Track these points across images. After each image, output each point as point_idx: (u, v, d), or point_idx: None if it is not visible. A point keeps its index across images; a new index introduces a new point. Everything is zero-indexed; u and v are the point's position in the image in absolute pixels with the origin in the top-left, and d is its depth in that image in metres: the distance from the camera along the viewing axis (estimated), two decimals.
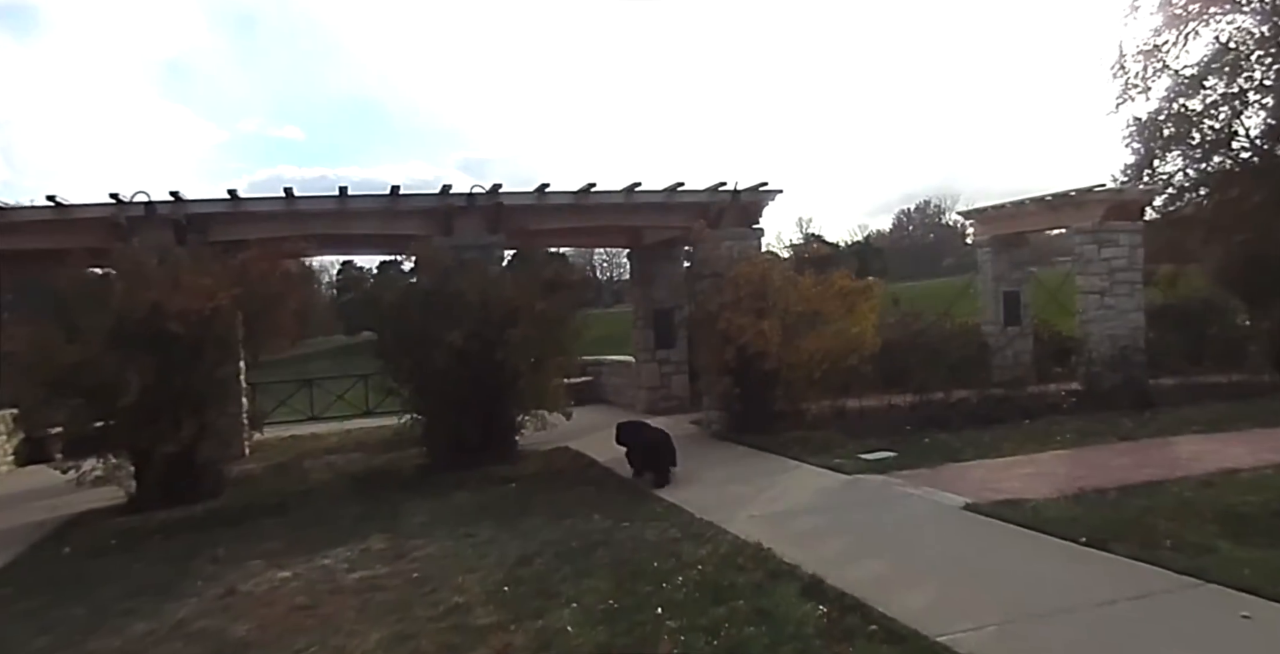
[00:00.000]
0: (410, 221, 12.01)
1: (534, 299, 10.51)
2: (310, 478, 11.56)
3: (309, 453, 14.20)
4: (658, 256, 16.37)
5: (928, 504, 7.90)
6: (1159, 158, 32.54)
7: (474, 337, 10.20)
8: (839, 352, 12.28)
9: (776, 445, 11.31)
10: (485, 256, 11.73)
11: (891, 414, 13.32)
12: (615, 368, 18.41)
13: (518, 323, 10.33)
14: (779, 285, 12.41)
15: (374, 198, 11.81)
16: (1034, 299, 19.80)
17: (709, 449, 11.66)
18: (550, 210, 12.59)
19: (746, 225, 13.38)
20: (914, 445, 10.91)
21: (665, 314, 16.35)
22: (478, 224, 12.11)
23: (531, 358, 10.43)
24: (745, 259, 12.70)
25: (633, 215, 13.09)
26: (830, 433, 11.92)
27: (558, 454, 11.61)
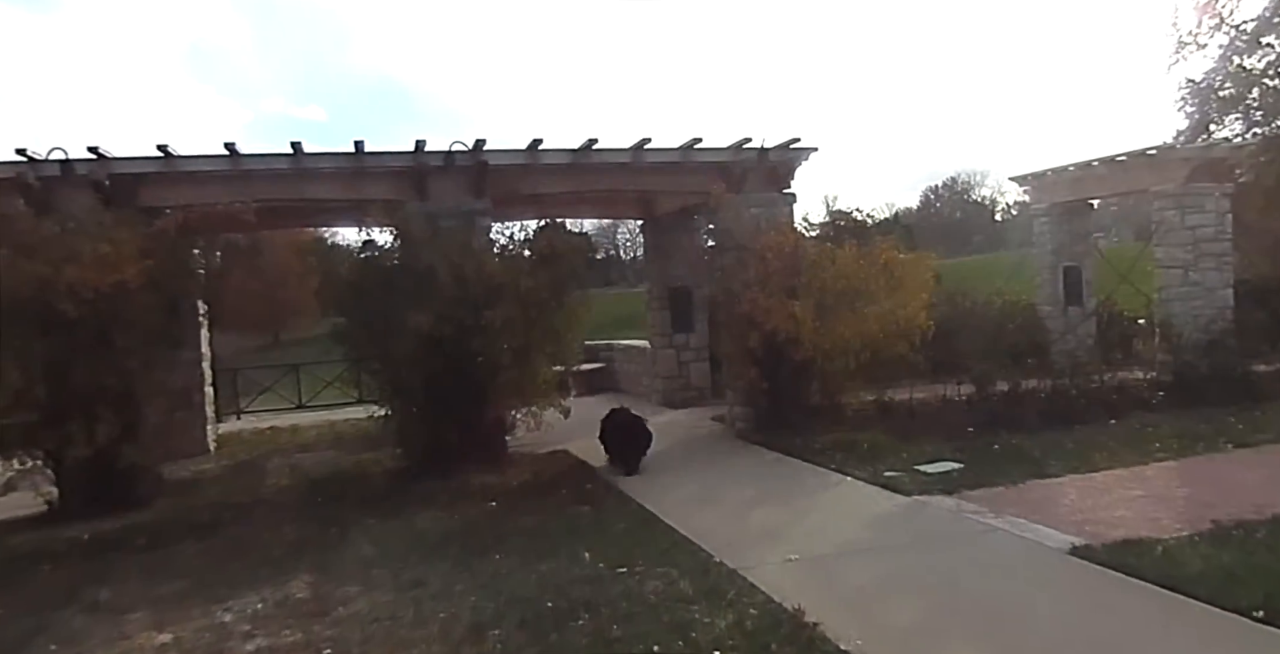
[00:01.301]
0: (379, 184, 10.20)
1: (519, 274, 8.68)
2: (265, 484, 9.91)
3: (280, 449, 12.59)
4: (674, 228, 14.45)
5: (1020, 545, 6.00)
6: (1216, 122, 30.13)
7: (445, 320, 8.39)
8: (884, 337, 10.36)
9: (813, 451, 9.45)
10: (468, 225, 9.90)
11: (947, 410, 11.38)
12: (629, 353, 16.58)
13: (499, 303, 8.51)
14: (814, 259, 10.48)
15: (335, 156, 9.99)
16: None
17: (732, 455, 9.82)
18: (544, 171, 10.71)
19: (775, 189, 11.43)
20: (982, 453, 9.00)
21: (683, 294, 14.47)
22: (459, 187, 10.27)
23: (516, 345, 8.61)
24: (774, 229, 10.76)
25: (642, 177, 11.17)
26: (876, 435, 10.03)
27: (552, 459, 9.82)
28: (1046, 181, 16.61)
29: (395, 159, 10.11)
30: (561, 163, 10.69)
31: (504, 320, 8.37)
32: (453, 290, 8.64)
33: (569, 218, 15.42)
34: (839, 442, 9.75)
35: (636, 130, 52.25)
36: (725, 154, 11.15)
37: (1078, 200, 16.41)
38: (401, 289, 8.65)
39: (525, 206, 12.55)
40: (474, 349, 8.45)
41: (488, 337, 8.41)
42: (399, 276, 8.68)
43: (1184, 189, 13.59)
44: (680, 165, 11.13)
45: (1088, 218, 17.23)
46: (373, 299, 8.77)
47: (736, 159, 11.13)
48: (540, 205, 13.03)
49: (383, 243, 9.44)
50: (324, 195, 10.17)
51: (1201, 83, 29.45)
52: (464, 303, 8.58)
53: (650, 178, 11.25)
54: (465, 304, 8.58)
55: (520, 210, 12.43)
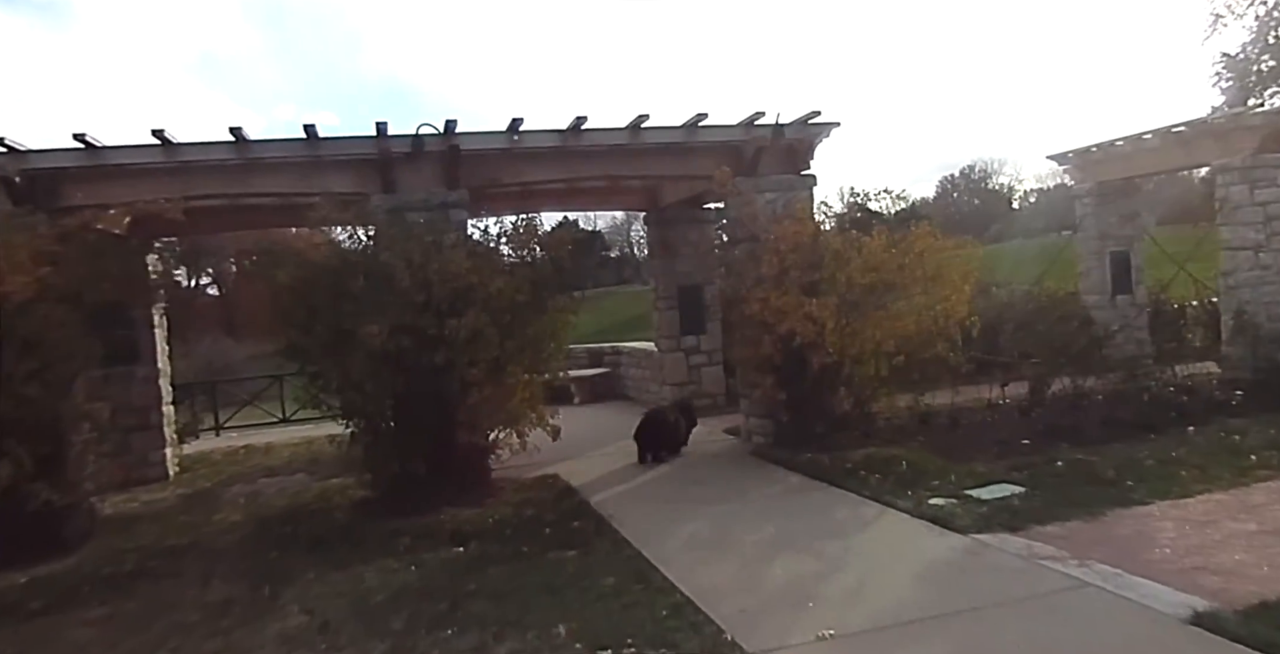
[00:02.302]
0: (338, 176, 8.92)
1: (491, 274, 7.38)
2: (213, 520, 8.65)
3: (247, 473, 11.38)
4: (681, 219, 13.12)
5: (1122, 609, 4.61)
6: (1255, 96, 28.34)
7: (404, 331, 7.10)
8: (919, 337, 8.99)
9: (842, 472, 8.09)
10: (440, 219, 8.61)
11: (995, 419, 9.98)
12: (636, 357, 15.25)
13: (466, 309, 7.21)
14: (837, 249, 9.11)
15: (285, 143, 8.72)
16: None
17: (747, 478, 8.45)
18: (528, 157, 9.39)
19: (792, 171, 10.04)
20: (1044, 472, 7.60)
21: (692, 292, 13.14)
22: (429, 177, 8.97)
23: (487, 358, 7.30)
24: (791, 217, 9.39)
25: (641, 161, 9.82)
26: (915, 450, 8.67)
27: (541, 486, 8.50)
28: (1090, 159, 15.10)
29: (355, 146, 8.83)
30: (548, 146, 9.37)
31: (471, 330, 7.06)
32: (413, 296, 7.36)
33: (563, 212, 14.04)
34: (872, 460, 8.39)
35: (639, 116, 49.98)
36: (735, 132, 9.79)
37: (1126, 178, 14.89)
38: (354, 296, 7.37)
39: (512, 200, 11.27)
40: (437, 364, 7.14)
41: (453, 349, 7.10)
42: (352, 281, 7.39)
43: (1253, 161, 12.06)
44: (684, 146, 9.78)
45: (1136, 198, 15.70)
46: (323, 308, 7.49)
47: (748, 137, 9.76)
48: (529, 198, 11.77)
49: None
50: (274, 189, 8.91)
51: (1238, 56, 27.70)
52: (426, 310, 7.29)
53: (651, 161, 9.90)
54: (428, 311, 7.29)
55: (506, 204, 11.11)
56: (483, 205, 10.40)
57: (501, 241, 8.37)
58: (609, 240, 71.97)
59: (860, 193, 12.61)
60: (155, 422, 11.41)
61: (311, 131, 8.58)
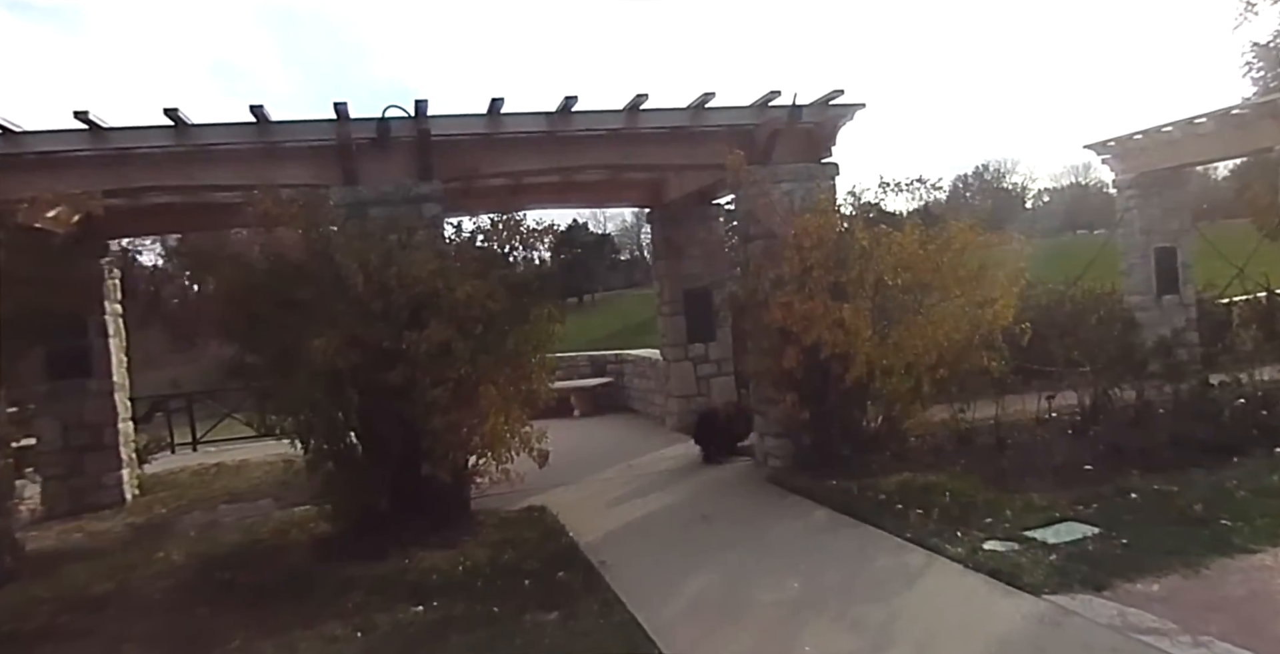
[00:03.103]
0: (295, 166, 7.82)
1: (459, 278, 6.25)
2: (152, 561, 7.53)
3: (208, 498, 10.33)
4: (687, 216, 11.97)
5: None
6: None
7: (356, 345, 5.99)
8: (961, 346, 7.84)
9: (876, 505, 6.93)
10: (411, 215, 7.50)
11: (1046, 436, 8.77)
12: (641, 366, 14.11)
13: (430, 318, 6.09)
14: (866, 245, 7.95)
15: (231, 127, 7.59)
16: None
17: (765, 512, 7.27)
18: (511, 144, 8.26)
19: (812, 158, 8.88)
20: (1116, 506, 6.41)
21: (701, 296, 11.98)
22: (398, 167, 7.86)
23: (455, 376, 6.17)
24: (812, 209, 8.22)
25: (640, 148, 8.67)
26: (958, 477, 7.50)
27: (525, 523, 7.35)
28: (1133, 147, 13.85)
29: (311, 131, 7.72)
30: (533, 131, 8.24)
31: (435, 343, 5.94)
32: (370, 304, 6.25)
33: (558, 209, 12.91)
34: (909, 489, 7.24)
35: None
36: (747, 114, 8.64)
37: (1173, 168, 13.65)
38: (301, 304, 6.26)
39: (498, 197, 10.15)
40: (394, 384, 6.02)
41: (413, 366, 5.98)
42: (297, 287, 6.28)
43: None
44: (689, 131, 8.63)
45: (1183, 189, 14.44)
46: (266, 318, 6.40)
47: (761, 121, 8.61)
48: (518, 194, 10.67)
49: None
50: (222, 181, 7.81)
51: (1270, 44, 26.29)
52: (385, 321, 6.18)
53: (651, 148, 8.75)
54: (387, 322, 6.18)
55: (491, 201, 9.97)
56: (464, 202, 9.31)
57: (477, 240, 7.23)
58: (619, 243, 71.10)
59: (890, 183, 11.05)
60: (110, 440, 10.38)
61: (261, 114, 7.48)
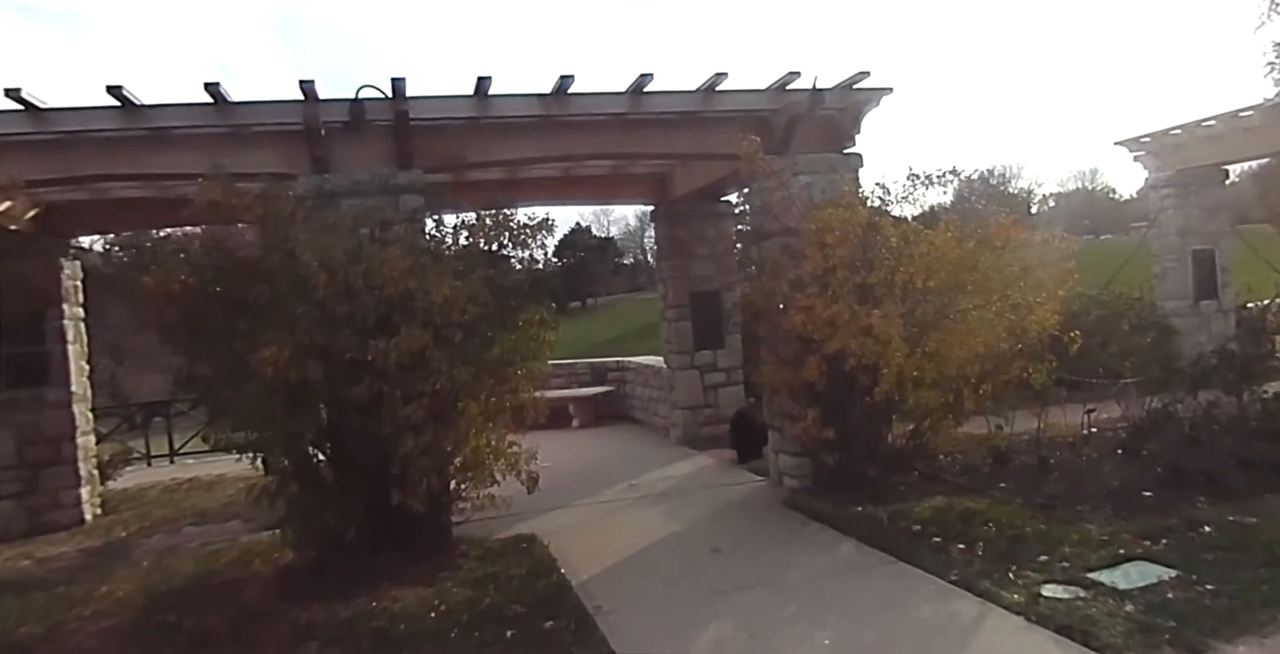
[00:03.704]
0: (260, 152, 7.02)
1: (434, 281, 5.43)
2: (95, 596, 6.70)
3: (174, 518, 9.52)
4: (695, 213, 11.16)
5: None
6: None
7: (315, 355, 5.17)
8: (1002, 355, 7.01)
9: (910, 536, 6.12)
10: (387, 207, 6.69)
11: (1096, 456, 7.92)
12: (644, 374, 13.27)
13: (402, 325, 5.27)
14: (896, 243, 7.13)
15: (188, 108, 6.76)
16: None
17: (786, 543, 6.42)
18: (500, 129, 7.45)
19: (834, 148, 8.06)
20: (1189, 541, 5.59)
21: (709, 299, 11.17)
22: (374, 154, 7.06)
23: (430, 391, 5.34)
24: (834, 203, 7.38)
25: (643, 135, 7.85)
26: (1000, 502, 6.68)
27: (512, 554, 6.48)
28: (1170, 144, 13.03)
29: (277, 113, 6.91)
30: (525, 115, 7.44)
31: (406, 352, 5.12)
32: (333, 307, 5.43)
33: (555, 206, 12.07)
34: (946, 517, 6.42)
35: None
36: (763, 98, 7.82)
37: (1214, 165, 12.82)
38: (253, 308, 5.45)
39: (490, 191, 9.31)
40: (360, 401, 5.20)
41: (383, 378, 5.16)
42: (249, 288, 5.46)
43: None
44: (699, 117, 7.82)
45: (1222, 188, 13.59)
46: (216, 324, 5.58)
47: (779, 105, 7.80)
48: (512, 189, 9.86)
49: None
50: (179, 168, 6.98)
51: None
52: (350, 326, 5.36)
53: (656, 135, 7.93)
54: (352, 328, 5.36)
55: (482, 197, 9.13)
56: (453, 196, 8.48)
57: (461, 236, 6.41)
58: (622, 247, 70.34)
59: (920, 175, 10.08)
60: (69, 455, 9.56)
61: (218, 94, 6.68)
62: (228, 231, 5.92)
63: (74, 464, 9.57)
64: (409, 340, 5.15)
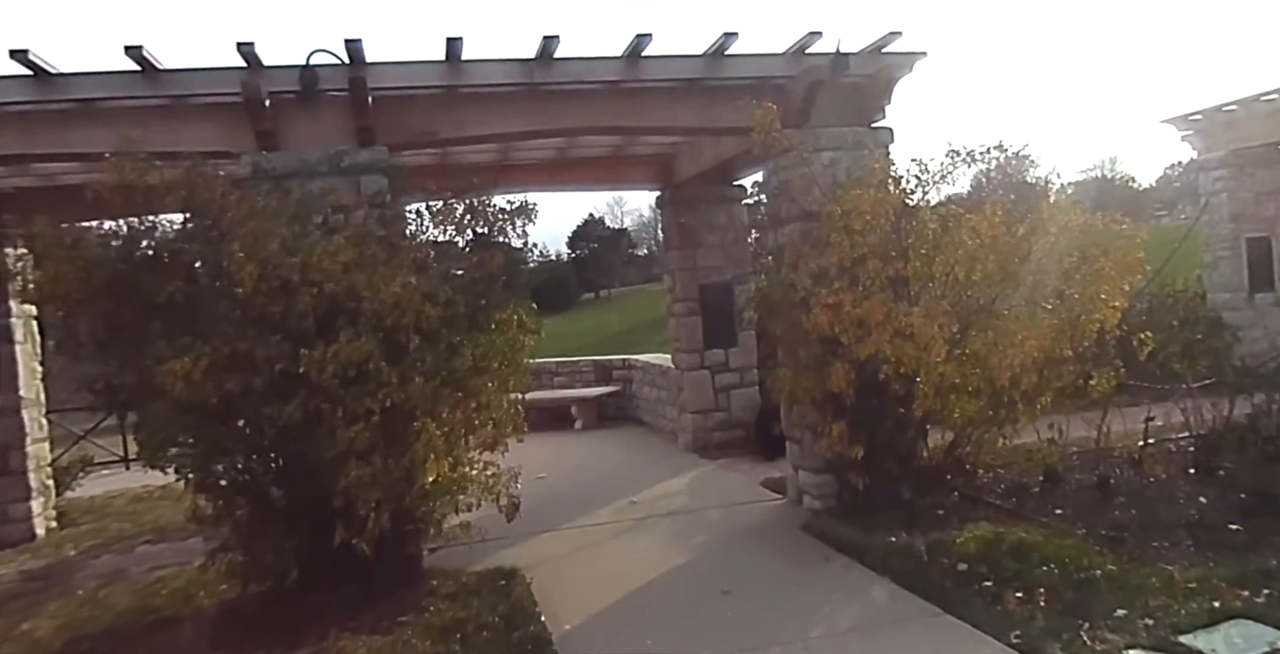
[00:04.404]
0: (196, 127, 6.09)
1: (385, 275, 4.50)
2: (11, 634, 5.88)
3: (132, 534, 8.75)
4: (703, 198, 10.18)
5: None
6: None
7: (239, 366, 4.25)
8: (1058, 360, 6.04)
9: (955, 578, 5.16)
10: (343, 190, 5.76)
11: (1164, 476, 6.90)
12: (652, 374, 12.32)
13: (339, 329, 4.34)
14: (935, 228, 6.14)
15: (112, 77, 5.85)
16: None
17: (807, 584, 5.45)
18: (477, 101, 6.49)
19: (861, 121, 7.05)
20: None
21: (719, 292, 10.21)
22: (330, 128, 6.12)
23: (376, 410, 4.41)
24: (861, 183, 6.38)
25: (642, 106, 6.87)
26: (1058, 533, 5.69)
27: (488, 594, 5.52)
28: (1224, 121, 11.95)
29: (215, 81, 5.97)
30: (506, 84, 6.47)
31: (347, 362, 4.19)
32: (265, 307, 4.50)
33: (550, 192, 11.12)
34: (995, 551, 5.45)
35: None
36: (779, 64, 6.83)
37: (1272, 144, 11.71)
38: (169, 308, 4.53)
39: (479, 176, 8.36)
40: (292, 420, 4.28)
41: (320, 395, 4.24)
42: (162, 285, 4.54)
43: None
44: (705, 85, 6.84)
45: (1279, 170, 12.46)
46: (128, 327, 4.67)
47: (797, 72, 6.81)
48: (503, 172, 8.95)
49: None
50: (105, 146, 5.94)
51: None
52: (282, 332, 4.43)
53: (658, 106, 6.95)
54: (285, 334, 4.43)
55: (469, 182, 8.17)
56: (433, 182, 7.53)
57: (425, 224, 5.48)
58: (635, 238, 69.34)
59: (960, 151, 8.83)
60: (18, 466, 8.73)
61: (145, 60, 5.74)
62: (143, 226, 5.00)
63: (24, 475, 8.74)
64: (349, 349, 4.22)
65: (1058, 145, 74.79)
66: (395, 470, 4.51)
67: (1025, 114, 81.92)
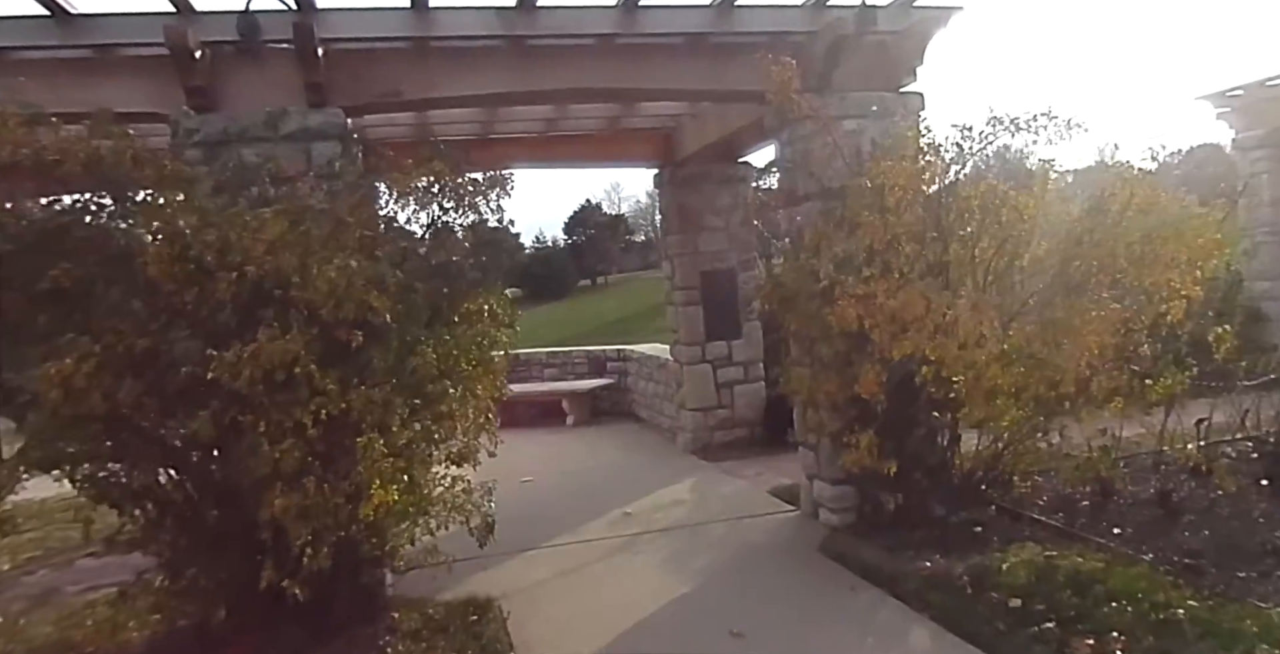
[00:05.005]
0: (123, 83, 5.23)
1: (325, 254, 3.65)
2: None
3: (79, 544, 7.74)
4: (707, 177, 9.31)
5: None
6: None
7: (136, 365, 3.41)
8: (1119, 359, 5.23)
9: (1006, 617, 4.37)
10: (291, 158, 4.91)
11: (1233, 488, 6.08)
12: (649, 367, 11.47)
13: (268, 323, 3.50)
14: (979, 207, 5.29)
15: (21, 22, 5.03)
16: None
17: (830, 622, 4.62)
18: (447, 57, 5.62)
19: (888, 86, 6.19)
20: None
21: (723, 280, 9.37)
22: (275, 87, 5.26)
23: (308, 424, 3.57)
24: (890, 155, 5.51)
25: (639, 64, 5.99)
26: (1123, 558, 4.88)
27: (458, 632, 4.74)
28: (1265, 97, 11.07)
29: (138, 29, 5.09)
30: (482, 36, 5.60)
31: (267, 365, 3.35)
32: (177, 296, 3.65)
33: (543, 168, 10.25)
34: (1050, 581, 4.66)
35: None
36: (796, 18, 5.97)
37: None
38: (57, 296, 3.68)
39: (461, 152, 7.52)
40: (199, 438, 3.44)
41: (238, 406, 3.40)
42: (47, 268, 3.69)
43: None
44: (711, 41, 5.97)
45: None
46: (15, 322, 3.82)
47: (818, 27, 5.94)
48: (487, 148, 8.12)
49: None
50: None
51: None
52: (195, 325, 3.58)
53: (657, 66, 6.07)
54: (197, 329, 3.59)
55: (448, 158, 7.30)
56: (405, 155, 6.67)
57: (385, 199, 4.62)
58: (633, 224, 68.33)
59: (1004, 118, 7.87)
60: None
61: (56, 4, 4.86)
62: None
63: None
64: (271, 348, 3.38)
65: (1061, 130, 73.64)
66: (335, 496, 3.66)
67: (1028, 86, 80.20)
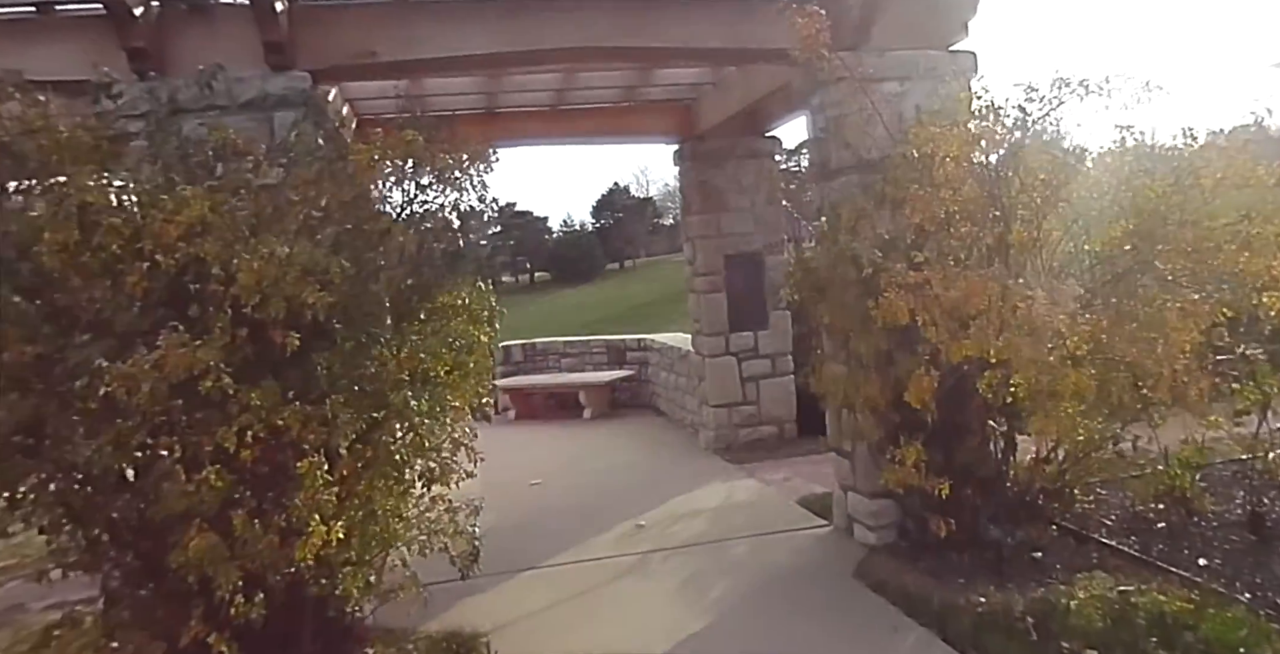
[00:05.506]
0: (53, 46, 4.61)
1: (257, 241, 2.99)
2: None
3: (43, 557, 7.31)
4: (730, 152, 8.54)
5: None
6: None
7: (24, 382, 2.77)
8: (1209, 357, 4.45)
9: None
10: (253, 129, 4.25)
11: None
12: (670, 358, 10.77)
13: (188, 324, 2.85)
14: (1044, 181, 4.51)
15: None
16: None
17: None
18: (428, 11, 4.92)
19: (935, 43, 5.40)
20: None
21: (748, 264, 8.63)
22: (231, 48, 4.60)
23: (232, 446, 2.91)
24: (940, 119, 4.72)
25: (648, 18, 5.16)
26: (1219, 599, 4.13)
27: None
28: None
29: None
30: None
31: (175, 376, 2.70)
32: (85, 292, 3.01)
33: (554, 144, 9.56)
34: (1127, 620, 3.99)
35: None
36: None
37: None
38: None
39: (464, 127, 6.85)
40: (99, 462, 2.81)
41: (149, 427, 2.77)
42: None
43: None
44: None
45: None
46: None
47: None
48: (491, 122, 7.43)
49: None
50: None
51: None
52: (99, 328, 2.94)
53: (670, 20, 5.32)
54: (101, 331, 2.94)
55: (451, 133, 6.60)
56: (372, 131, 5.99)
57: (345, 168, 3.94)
58: (660, 208, 67.40)
59: (1069, 81, 6.84)
60: None
61: None
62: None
63: None
64: (175, 357, 2.73)
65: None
66: (270, 532, 3.02)
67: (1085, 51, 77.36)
